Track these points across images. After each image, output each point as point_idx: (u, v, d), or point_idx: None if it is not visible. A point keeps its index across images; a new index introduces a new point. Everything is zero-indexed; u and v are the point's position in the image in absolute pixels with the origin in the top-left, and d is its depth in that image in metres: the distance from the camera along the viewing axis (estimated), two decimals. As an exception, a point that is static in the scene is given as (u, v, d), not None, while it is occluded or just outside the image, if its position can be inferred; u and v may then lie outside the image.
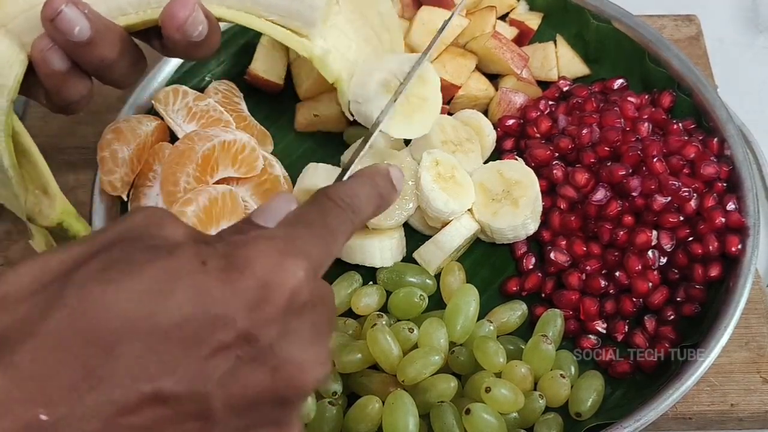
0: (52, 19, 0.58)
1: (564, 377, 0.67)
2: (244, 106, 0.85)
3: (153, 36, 0.67)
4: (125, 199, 0.78)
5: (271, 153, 0.83)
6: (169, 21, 0.60)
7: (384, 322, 0.68)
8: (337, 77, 0.72)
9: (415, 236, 0.77)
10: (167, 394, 0.33)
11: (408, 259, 0.76)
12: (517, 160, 0.79)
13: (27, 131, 0.67)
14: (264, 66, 0.87)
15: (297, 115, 0.86)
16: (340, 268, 0.76)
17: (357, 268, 0.75)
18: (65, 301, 0.33)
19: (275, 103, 0.88)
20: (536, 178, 0.76)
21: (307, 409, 0.64)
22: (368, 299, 0.72)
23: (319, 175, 0.79)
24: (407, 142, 0.80)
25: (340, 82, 0.72)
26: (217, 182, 0.77)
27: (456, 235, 0.74)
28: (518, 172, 0.76)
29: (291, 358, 0.36)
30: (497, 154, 0.82)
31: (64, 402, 0.31)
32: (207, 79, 0.88)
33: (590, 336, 0.72)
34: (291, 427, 0.38)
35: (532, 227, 0.76)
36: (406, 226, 0.78)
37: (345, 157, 0.82)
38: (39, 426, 0.31)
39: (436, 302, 0.73)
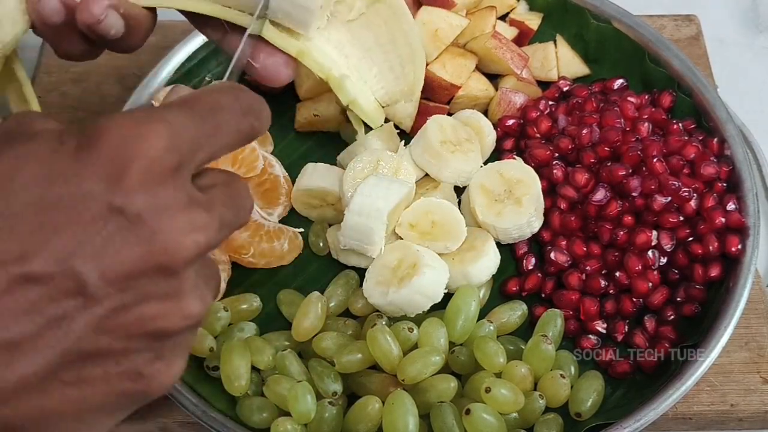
0: (90, 25, 0.57)
1: (564, 377, 0.67)
2: (244, 106, 0.85)
3: None
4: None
5: (271, 153, 0.83)
6: (80, 16, 0.58)
7: (384, 323, 0.68)
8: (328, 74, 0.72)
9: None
10: (37, 273, 0.33)
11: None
12: (515, 159, 0.79)
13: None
14: (264, 66, 0.87)
15: (297, 115, 0.86)
16: (338, 268, 0.76)
17: (353, 268, 0.75)
18: None
19: (275, 103, 0.87)
20: (536, 175, 0.76)
21: (305, 409, 0.64)
22: (365, 300, 0.72)
23: (318, 174, 0.79)
24: (406, 142, 0.80)
25: (303, 54, 0.70)
26: (217, 182, 0.77)
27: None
28: (518, 170, 0.76)
29: (161, 223, 0.35)
30: (497, 154, 0.82)
31: None
32: (207, 79, 0.88)
33: (590, 336, 0.72)
34: (182, 297, 0.37)
35: (537, 225, 0.76)
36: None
37: (342, 157, 0.82)
38: None
39: (436, 302, 0.73)
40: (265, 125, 0.44)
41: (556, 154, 0.79)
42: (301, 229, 0.79)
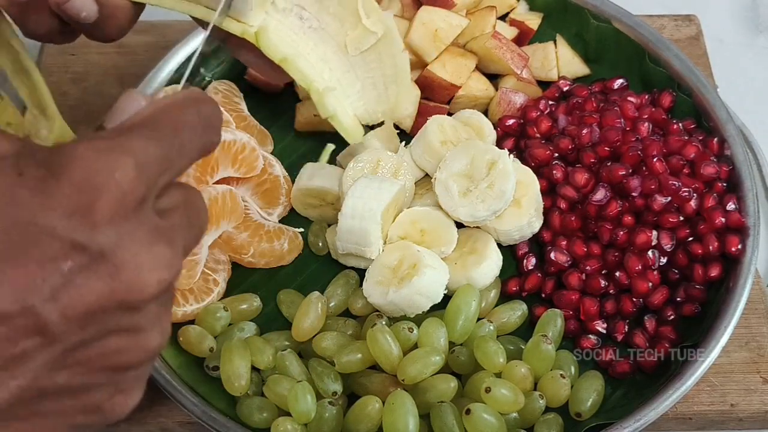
0: (59, 3, 0.56)
1: (564, 377, 0.67)
2: (244, 106, 0.85)
3: None
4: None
5: (271, 153, 0.83)
6: None
7: (384, 323, 0.68)
8: (285, 57, 0.70)
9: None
10: None
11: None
12: (513, 160, 0.79)
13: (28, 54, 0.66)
14: (264, 66, 0.87)
15: (297, 115, 0.86)
16: (338, 268, 0.76)
17: (353, 268, 0.75)
18: None
19: (275, 103, 0.88)
20: (534, 175, 0.76)
21: (305, 409, 0.64)
22: (365, 300, 0.72)
23: (317, 174, 0.79)
24: (406, 143, 0.80)
25: (286, 62, 0.70)
26: (217, 182, 0.77)
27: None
28: (516, 172, 0.76)
29: (125, 261, 0.34)
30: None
31: None
32: (207, 79, 0.88)
33: (590, 336, 0.72)
34: (144, 331, 0.36)
35: (537, 225, 0.76)
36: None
37: (342, 157, 0.82)
38: None
39: (436, 303, 0.73)
40: (220, 137, 0.42)
41: (556, 154, 0.79)
42: (301, 229, 0.79)
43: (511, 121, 0.83)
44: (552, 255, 0.74)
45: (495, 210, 0.72)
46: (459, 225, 0.75)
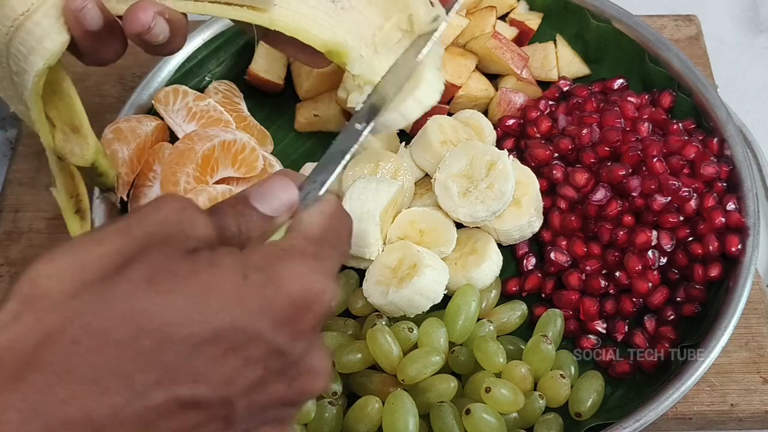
0: (140, 33, 0.59)
1: (564, 377, 0.67)
2: (244, 106, 0.85)
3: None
4: (125, 199, 0.78)
5: (271, 153, 0.83)
6: (129, 26, 0.59)
7: (384, 322, 0.68)
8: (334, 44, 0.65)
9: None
10: (200, 399, 0.35)
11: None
12: (513, 160, 0.79)
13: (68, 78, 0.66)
14: (264, 66, 0.87)
15: (297, 115, 0.86)
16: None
17: (352, 268, 0.75)
18: (114, 309, 0.34)
19: (275, 103, 0.88)
20: (534, 175, 0.76)
21: (305, 408, 0.64)
22: (365, 300, 0.72)
23: None
24: (406, 143, 0.80)
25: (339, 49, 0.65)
26: (217, 182, 0.77)
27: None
28: (516, 172, 0.76)
29: (311, 369, 0.39)
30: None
31: (106, 409, 0.33)
32: (207, 79, 0.88)
33: (590, 336, 0.72)
34: (291, 423, 0.41)
35: (537, 224, 0.76)
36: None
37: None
38: (86, 424, 0.33)
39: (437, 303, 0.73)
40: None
41: (556, 154, 0.79)
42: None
43: (511, 121, 0.83)
44: (552, 255, 0.74)
45: (494, 211, 0.72)
46: (459, 225, 0.75)
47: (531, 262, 0.76)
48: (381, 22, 0.68)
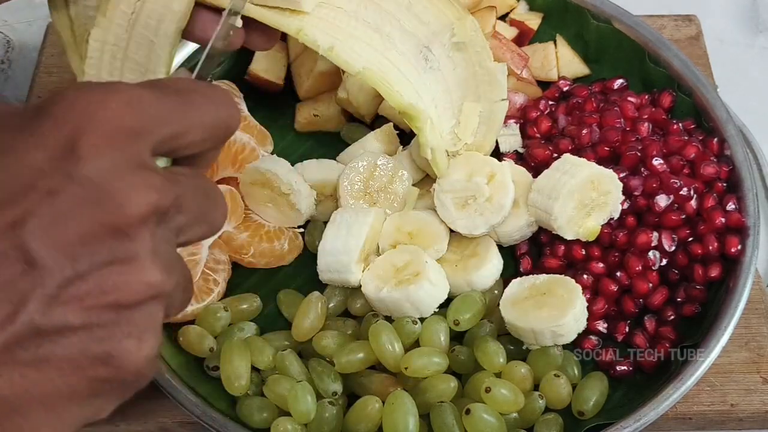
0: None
1: (561, 377, 0.67)
2: (244, 106, 0.85)
3: None
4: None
5: (271, 153, 0.83)
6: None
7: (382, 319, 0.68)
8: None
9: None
10: None
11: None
12: (508, 161, 0.79)
13: None
14: (264, 66, 0.87)
15: (297, 115, 0.86)
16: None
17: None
18: None
19: (275, 103, 0.88)
20: (531, 176, 0.76)
21: (306, 409, 0.64)
22: (364, 300, 0.72)
23: (312, 170, 0.79)
24: (405, 143, 0.80)
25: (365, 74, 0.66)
26: (217, 182, 0.77)
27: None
28: (516, 173, 0.76)
29: (111, 184, 0.34)
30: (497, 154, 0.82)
31: None
32: (207, 79, 0.88)
33: (591, 336, 0.72)
34: (139, 261, 0.34)
35: (536, 225, 0.76)
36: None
37: (342, 157, 0.82)
38: None
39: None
40: (236, 114, 0.41)
41: (556, 155, 0.79)
42: (302, 229, 0.79)
43: (511, 122, 0.83)
44: (551, 255, 0.74)
45: (493, 224, 0.72)
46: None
47: (530, 263, 0.76)
48: (460, 102, 0.72)
